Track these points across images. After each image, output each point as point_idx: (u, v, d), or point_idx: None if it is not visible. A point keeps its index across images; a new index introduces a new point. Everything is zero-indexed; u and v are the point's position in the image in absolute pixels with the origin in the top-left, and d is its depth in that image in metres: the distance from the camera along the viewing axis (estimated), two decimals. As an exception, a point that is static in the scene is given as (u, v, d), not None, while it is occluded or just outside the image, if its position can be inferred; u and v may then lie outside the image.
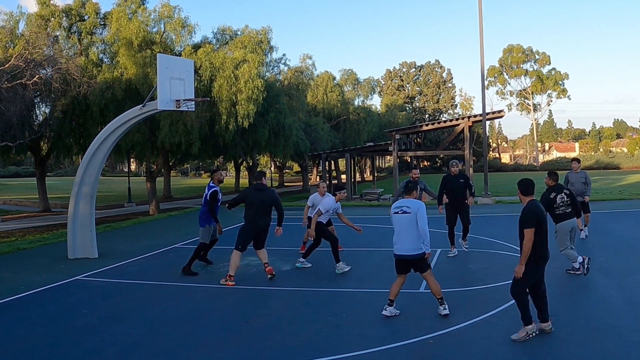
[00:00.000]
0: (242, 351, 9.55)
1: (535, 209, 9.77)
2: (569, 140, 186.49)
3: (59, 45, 36.66)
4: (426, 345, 9.54)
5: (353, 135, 72.88)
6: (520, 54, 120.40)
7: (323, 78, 72.00)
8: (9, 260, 19.07)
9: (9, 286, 14.69)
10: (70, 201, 19.28)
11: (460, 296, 12.62)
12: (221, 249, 19.48)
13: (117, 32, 35.50)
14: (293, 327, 10.68)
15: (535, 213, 9.71)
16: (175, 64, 19.02)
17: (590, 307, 11.59)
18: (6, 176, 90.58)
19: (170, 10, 36.26)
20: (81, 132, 36.65)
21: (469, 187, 17.39)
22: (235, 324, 10.99)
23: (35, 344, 10.08)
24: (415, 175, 17.60)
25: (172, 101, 18.08)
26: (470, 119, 41.95)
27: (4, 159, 44.11)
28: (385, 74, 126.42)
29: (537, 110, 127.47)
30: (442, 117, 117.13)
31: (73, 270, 16.69)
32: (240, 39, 39.89)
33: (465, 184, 17.32)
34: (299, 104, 55.13)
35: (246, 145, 42.63)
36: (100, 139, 19.17)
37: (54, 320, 11.51)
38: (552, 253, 16.94)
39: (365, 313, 11.55)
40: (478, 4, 37.44)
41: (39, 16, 37.71)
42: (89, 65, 35.66)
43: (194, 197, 56.02)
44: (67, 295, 13.83)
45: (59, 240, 22.82)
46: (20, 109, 27.80)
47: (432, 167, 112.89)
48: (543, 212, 9.91)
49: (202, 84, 34.23)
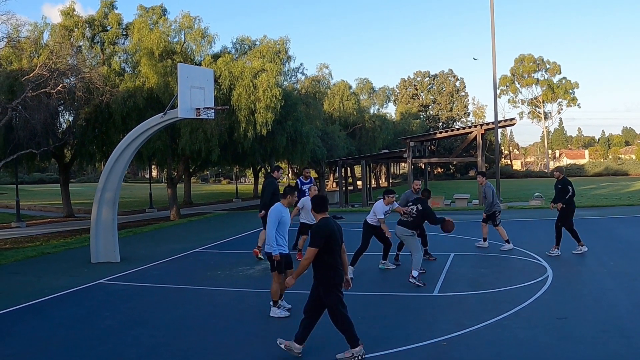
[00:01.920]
0: (260, 353, 9.57)
1: (323, 228, 8.97)
2: (579, 147, 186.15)
3: (82, 55, 36.83)
4: (440, 347, 9.52)
5: (369, 143, 72.88)
6: (532, 63, 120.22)
7: (339, 87, 72.07)
8: (33, 264, 19.19)
9: (34, 289, 14.78)
10: (93, 207, 19.37)
11: (473, 299, 12.60)
12: (239, 253, 19.58)
13: (138, 42, 35.66)
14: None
15: (323, 231, 8.93)
16: (195, 73, 19.09)
17: (599, 310, 11.53)
18: (31, 182, 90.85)
19: (191, 21, 36.41)
20: (104, 139, 36.81)
21: (566, 190, 17.42)
22: (253, 326, 11.01)
23: (59, 345, 10.14)
24: (417, 187, 17.49)
25: (193, 109, 18.15)
26: (482, 126, 42.02)
27: (29, 165, 44.29)
28: (400, 83, 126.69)
29: (548, 118, 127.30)
30: (455, 125, 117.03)
31: (96, 274, 16.77)
32: (258, 49, 39.95)
33: (563, 189, 17.48)
34: (316, 112, 55.11)
35: (264, 152, 42.63)
36: (122, 146, 19.26)
37: (77, 323, 11.57)
38: (561, 256, 17.00)
39: (380, 316, 11.56)
40: (490, 15, 37.43)
41: (62, 27, 37.92)
42: (112, 75, 35.83)
43: (213, 203, 56.26)
44: (90, 298, 13.89)
45: (82, 245, 22.92)
46: (44, 117, 27.94)
47: (446, 173, 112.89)
48: (333, 230, 8.99)
49: (221, 93, 34.29)
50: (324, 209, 9.15)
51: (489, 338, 9.88)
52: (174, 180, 40.63)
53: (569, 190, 17.37)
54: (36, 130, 28.45)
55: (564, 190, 17.49)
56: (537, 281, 14.01)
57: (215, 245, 22.47)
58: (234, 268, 17.19)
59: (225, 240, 23.89)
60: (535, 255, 17.66)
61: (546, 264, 16.05)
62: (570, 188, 17.40)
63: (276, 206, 11.46)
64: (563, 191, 17.54)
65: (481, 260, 17.37)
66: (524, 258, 17.28)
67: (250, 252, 18.85)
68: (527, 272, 15.25)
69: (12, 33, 27.35)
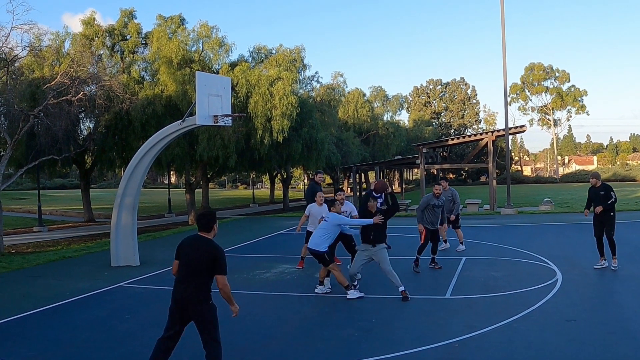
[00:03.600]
0: (276, 355, 9.64)
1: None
2: (588, 153, 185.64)
3: (102, 63, 37.02)
4: (452, 349, 9.57)
5: (382, 149, 72.88)
6: (541, 71, 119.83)
7: (354, 94, 72.16)
8: (55, 267, 19.34)
9: (55, 292, 14.91)
10: (113, 212, 19.50)
11: (484, 302, 12.63)
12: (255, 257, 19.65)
13: (157, 51, 35.82)
14: (325, 332, 10.75)
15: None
16: (213, 81, 19.17)
17: (607, 312, 11.59)
18: (52, 188, 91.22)
19: (209, 30, 36.55)
20: (123, 146, 36.97)
21: (609, 196, 15.97)
22: (270, 329, 11.07)
23: (80, 347, 10.23)
24: (438, 191, 17.10)
25: (210, 117, 18.23)
26: (493, 133, 41.95)
27: (50, 171, 44.45)
28: (413, 91, 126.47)
29: (557, 125, 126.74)
30: (467, 131, 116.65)
31: (116, 277, 16.88)
32: (275, 58, 40.05)
33: (606, 195, 16.02)
34: (331, 119, 55.19)
35: (280, 159, 42.65)
36: (141, 152, 19.38)
37: (97, 325, 11.68)
38: (571, 260, 16.98)
39: (394, 318, 11.62)
40: (501, 24, 37.40)
41: (83, 36, 38.17)
42: (131, 83, 36.00)
43: (231, 208, 56.31)
44: (110, 301, 14.01)
45: (102, 249, 23.03)
46: (65, 124, 28.05)
47: (458, 179, 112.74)
48: (182, 247, 8.32)
49: (238, 100, 34.38)
50: (200, 228, 8.32)
51: (499, 340, 9.93)
52: (192, 185, 40.79)
53: (611, 196, 15.93)
54: (57, 137, 28.58)
55: (607, 196, 15.97)
56: (547, 284, 14.04)
57: (233, 249, 22.53)
58: (250, 272, 17.26)
59: (242, 244, 23.94)
60: (544, 259, 17.67)
61: (555, 268, 16.05)
62: (613, 194, 16.00)
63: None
64: (607, 197, 15.98)
65: (492, 264, 17.37)
66: (534, 262, 17.29)
67: (267, 256, 18.99)
68: (536, 275, 15.27)
69: (34, 42, 27.49)
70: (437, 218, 16.95)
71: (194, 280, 7.97)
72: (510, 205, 36.40)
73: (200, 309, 8.01)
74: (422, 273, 16.10)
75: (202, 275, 7.96)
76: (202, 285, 8.00)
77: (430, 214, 16.80)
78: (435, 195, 16.97)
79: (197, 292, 7.97)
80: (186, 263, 8.08)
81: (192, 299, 7.99)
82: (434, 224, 16.82)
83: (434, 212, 16.81)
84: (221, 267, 7.97)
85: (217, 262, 7.95)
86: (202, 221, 8.26)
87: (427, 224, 16.76)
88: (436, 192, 17.07)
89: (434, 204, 16.77)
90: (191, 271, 8.01)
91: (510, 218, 32.59)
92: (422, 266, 16.52)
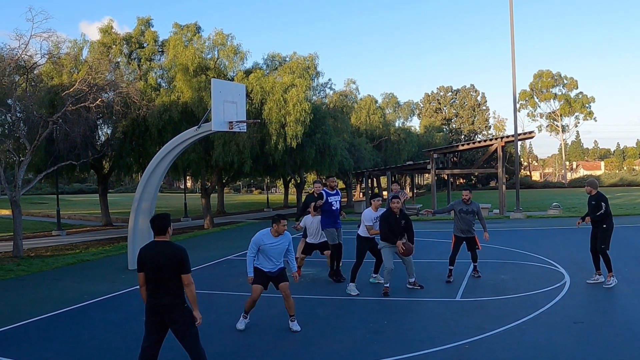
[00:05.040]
0: (291, 356, 9.68)
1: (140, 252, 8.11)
2: (595, 159, 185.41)
3: (119, 70, 37.18)
4: (462, 350, 9.58)
5: (394, 155, 73.08)
6: (550, 79, 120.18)
7: (366, 101, 72.44)
8: (73, 270, 19.45)
9: (74, 295, 15.01)
10: (131, 216, 19.59)
11: (494, 304, 12.62)
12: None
13: (174, 59, 35.99)
14: (338, 334, 10.77)
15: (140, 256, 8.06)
16: (228, 88, 19.27)
17: (615, 314, 11.60)
18: (71, 193, 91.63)
19: (224, 38, 36.69)
20: (140, 151, 37.13)
21: (599, 207, 14.26)
22: (284, 331, 11.09)
23: (98, 349, 10.29)
24: (466, 197, 15.66)
25: (226, 123, 18.31)
26: (503, 139, 42.06)
27: (69, 176, 44.76)
28: (424, 98, 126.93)
29: (565, 131, 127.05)
30: (477, 137, 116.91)
31: (133, 280, 16.89)
32: (288, 65, 40.13)
33: (597, 206, 14.35)
34: (344, 126, 55.37)
35: (294, 164, 42.78)
36: (158, 158, 19.47)
37: (115, 327, 11.75)
38: (578, 263, 16.94)
39: (405, 320, 11.63)
40: (510, 32, 37.43)
41: (101, 44, 38.37)
42: (148, 89, 36.17)
43: (246, 212, 56.48)
44: (128, 303, 14.08)
45: (120, 253, 23.16)
46: (83, 130, 28.17)
47: (468, 184, 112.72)
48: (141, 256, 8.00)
49: (253, 107, 34.49)
50: (156, 232, 8.02)
51: (509, 341, 9.93)
52: (208, 190, 40.96)
53: (601, 207, 14.27)
54: (76, 142, 28.72)
55: (597, 207, 14.33)
56: (555, 287, 14.03)
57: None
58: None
59: (256, 247, 23.92)
60: (553, 262, 17.65)
61: (564, 271, 16.02)
62: (604, 205, 14.26)
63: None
64: (596, 208, 14.37)
65: (501, 267, 17.35)
66: (543, 265, 17.28)
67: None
68: (545, 278, 15.25)
69: (53, 50, 27.64)
70: (469, 225, 15.60)
71: (166, 287, 7.80)
72: (519, 209, 36.39)
73: (178, 315, 7.88)
74: (433, 276, 16.05)
75: (172, 280, 7.80)
76: (175, 290, 7.84)
77: (460, 221, 15.65)
78: (463, 200, 15.73)
79: (173, 298, 7.82)
80: (153, 271, 7.82)
81: (168, 306, 7.84)
82: (464, 231, 15.64)
83: (464, 219, 15.58)
84: (186, 267, 7.81)
85: (182, 262, 7.80)
86: (157, 224, 7.99)
87: (457, 231, 15.76)
88: (465, 197, 15.73)
89: (463, 209, 15.59)
90: (160, 278, 7.80)
91: (519, 222, 32.55)
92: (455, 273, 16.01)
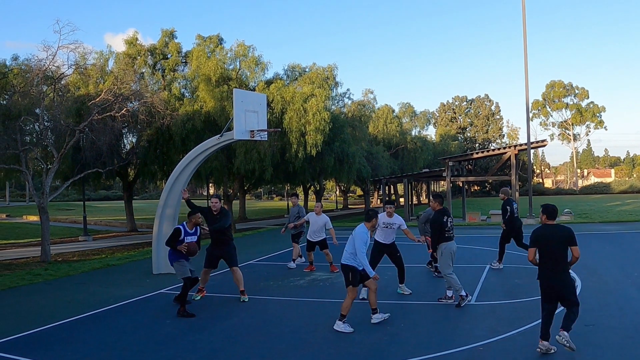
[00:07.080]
0: (309, 358, 9.70)
1: None
2: (606, 167, 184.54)
3: (144, 80, 37.48)
4: (476, 352, 9.58)
5: (410, 162, 73.13)
6: (562, 89, 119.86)
7: (383, 110, 72.64)
8: (99, 275, 19.55)
9: (100, 299, 15.08)
10: (155, 222, 19.66)
11: (507, 308, 12.62)
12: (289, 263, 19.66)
13: (197, 69, 36.22)
14: (356, 336, 10.77)
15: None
16: (249, 98, 19.33)
17: (625, 317, 11.55)
18: (97, 199, 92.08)
19: (245, 50, 36.87)
20: (164, 159, 37.36)
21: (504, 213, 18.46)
22: (305, 334, 11.11)
23: (123, 350, 10.35)
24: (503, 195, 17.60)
25: (247, 131, 18.37)
26: (516, 147, 42.01)
27: (95, 183, 45.05)
28: (440, 107, 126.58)
29: (577, 139, 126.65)
30: (491, 145, 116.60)
31: (157, 284, 17.03)
32: (308, 75, 40.22)
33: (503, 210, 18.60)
34: (362, 134, 55.44)
35: (314, 172, 42.83)
36: (182, 165, 19.56)
37: (140, 329, 11.80)
38: (589, 267, 16.87)
39: (421, 323, 11.64)
40: (523, 44, 37.37)
41: (126, 55, 38.72)
42: (172, 99, 36.41)
43: (266, 218, 56.57)
44: (152, 307, 14.15)
45: (144, 257, 23.24)
46: (109, 138, 28.38)
47: (482, 191, 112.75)
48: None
49: (274, 116, 34.61)
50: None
51: (522, 344, 9.93)
52: (230, 197, 41.08)
53: (507, 211, 18.37)
54: (102, 150, 28.94)
55: (503, 211, 18.58)
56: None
57: (268, 257, 22.63)
58: (285, 279, 17.33)
59: (277, 253, 23.99)
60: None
61: (575, 275, 15.94)
62: (508, 208, 18.37)
63: (362, 228, 11.47)
64: (503, 212, 18.65)
65: (515, 271, 17.34)
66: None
67: (300, 263, 19.11)
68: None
69: (80, 61, 27.87)
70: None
71: None
72: (532, 215, 36.24)
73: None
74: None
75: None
76: None
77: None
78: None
79: None
80: None
81: None
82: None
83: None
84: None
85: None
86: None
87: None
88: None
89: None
90: None
91: (532, 228, 32.25)
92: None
